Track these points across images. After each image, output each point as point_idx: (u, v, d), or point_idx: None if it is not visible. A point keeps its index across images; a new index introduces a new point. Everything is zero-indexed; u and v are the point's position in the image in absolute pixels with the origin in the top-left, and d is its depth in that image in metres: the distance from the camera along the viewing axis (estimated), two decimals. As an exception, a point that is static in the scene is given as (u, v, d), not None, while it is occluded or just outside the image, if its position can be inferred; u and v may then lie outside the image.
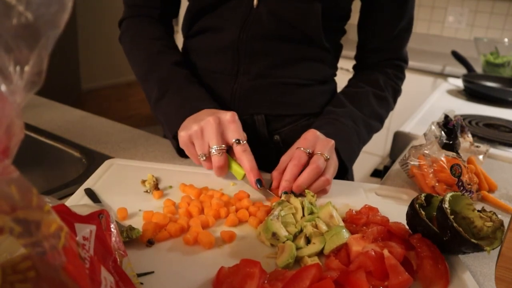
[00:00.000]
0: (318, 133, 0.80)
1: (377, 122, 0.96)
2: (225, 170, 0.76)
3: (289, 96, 0.92)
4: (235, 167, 0.77)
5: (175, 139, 0.83)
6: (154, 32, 0.94)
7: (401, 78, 1.02)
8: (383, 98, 0.96)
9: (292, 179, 0.73)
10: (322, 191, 0.77)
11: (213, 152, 0.74)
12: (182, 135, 0.76)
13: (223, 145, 0.74)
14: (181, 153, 0.88)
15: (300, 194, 0.74)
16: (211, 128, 0.74)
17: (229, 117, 0.75)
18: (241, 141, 0.75)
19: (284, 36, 0.87)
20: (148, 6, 0.96)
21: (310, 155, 0.76)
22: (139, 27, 0.96)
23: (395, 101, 1.02)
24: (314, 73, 0.94)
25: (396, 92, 1.01)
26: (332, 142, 0.79)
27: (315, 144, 0.77)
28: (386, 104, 0.97)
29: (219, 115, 0.75)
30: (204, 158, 0.75)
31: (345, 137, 0.84)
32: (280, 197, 0.72)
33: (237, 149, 0.75)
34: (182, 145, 0.78)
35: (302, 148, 0.76)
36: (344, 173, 0.88)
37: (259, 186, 0.74)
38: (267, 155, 0.88)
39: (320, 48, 0.92)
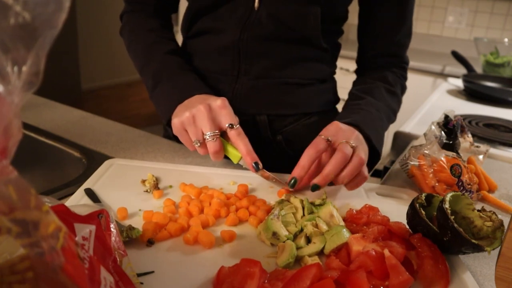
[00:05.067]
0: (340, 124, 0.78)
1: (392, 114, 0.95)
2: (221, 155, 0.76)
3: (290, 95, 0.92)
4: (231, 150, 0.77)
5: (169, 126, 0.83)
6: (150, 24, 0.96)
7: (406, 78, 1.03)
8: (394, 93, 0.96)
9: (307, 166, 0.72)
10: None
11: (208, 138, 0.74)
12: (175, 122, 0.77)
13: (217, 131, 0.74)
14: (178, 140, 0.88)
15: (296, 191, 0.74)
16: (202, 115, 0.74)
17: (219, 103, 0.75)
18: (234, 125, 0.75)
19: (284, 37, 0.88)
20: (143, 2, 0.97)
21: (331, 143, 0.74)
22: (136, 21, 0.97)
23: (402, 98, 1.03)
24: (314, 72, 0.94)
25: (403, 89, 1.01)
26: (356, 132, 0.77)
27: (337, 133, 0.76)
28: (397, 99, 0.97)
29: (209, 102, 0.75)
30: (199, 144, 0.75)
31: (372, 124, 0.83)
32: (289, 186, 0.73)
33: (231, 133, 0.75)
34: (175, 132, 0.78)
35: (322, 136, 0.75)
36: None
37: (256, 169, 0.74)
38: (270, 155, 0.88)
39: (318, 49, 0.92)
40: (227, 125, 0.75)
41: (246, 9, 0.86)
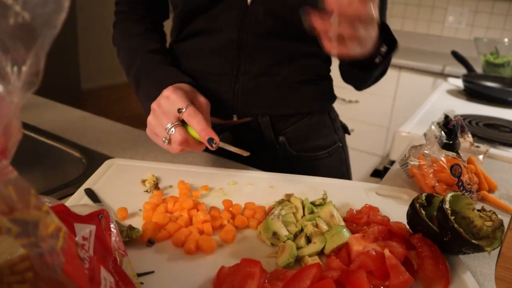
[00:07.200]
0: None
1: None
2: (191, 142, 0.73)
3: (292, 94, 0.92)
4: (194, 134, 0.74)
5: None
6: (135, 30, 0.94)
7: None
8: None
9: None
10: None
11: (171, 131, 0.72)
12: (147, 130, 0.77)
13: (175, 122, 0.73)
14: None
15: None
16: (156, 113, 0.74)
17: (164, 94, 0.75)
18: (183, 108, 0.73)
19: (282, 33, 0.86)
20: (130, 9, 0.96)
21: None
22: (124, 29, 0.96)
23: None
24: (313, 68, 0.93)
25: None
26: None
27: None
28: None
29: (159, 98, 0.75)
30: (167, 141, 0.73)
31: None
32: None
33: (184, 116, 0.73)
34: (150, 137, 0.78)
35: None
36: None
37: (212, 146, 0.71)
38: (273, 157, 0.87)
39: (316, 44, 0.90)
40: (177, 111, 0.73)
41: (240, 7, 0.84)
